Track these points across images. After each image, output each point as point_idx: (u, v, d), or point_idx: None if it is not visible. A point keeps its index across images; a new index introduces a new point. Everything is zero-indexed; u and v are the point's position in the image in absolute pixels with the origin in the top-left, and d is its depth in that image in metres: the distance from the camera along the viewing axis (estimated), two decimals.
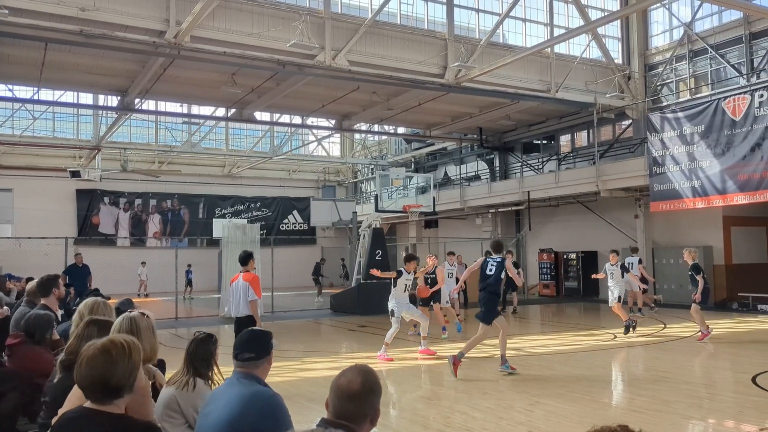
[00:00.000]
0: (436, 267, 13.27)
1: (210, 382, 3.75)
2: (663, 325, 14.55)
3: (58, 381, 3.40)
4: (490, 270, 9.25)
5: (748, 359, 10.07)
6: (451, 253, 17.93)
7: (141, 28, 14.13)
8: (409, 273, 11.03)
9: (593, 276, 14.62)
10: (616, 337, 12.70)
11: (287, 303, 20.58)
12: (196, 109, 25.31)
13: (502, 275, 9.29)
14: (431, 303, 13.51)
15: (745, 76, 18.89)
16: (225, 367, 3.76)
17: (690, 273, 12.51)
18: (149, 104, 24.55)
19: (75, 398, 2.74)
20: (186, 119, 28.42)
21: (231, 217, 30.28)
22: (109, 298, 5.24)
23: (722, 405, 7.31)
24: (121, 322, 3.49)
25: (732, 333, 13.36)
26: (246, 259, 8.49)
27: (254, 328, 3.51)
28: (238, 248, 18.20)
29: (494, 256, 9.40)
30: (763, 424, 6.41)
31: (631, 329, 12.61)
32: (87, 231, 29.23)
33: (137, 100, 19.50)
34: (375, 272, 12.14)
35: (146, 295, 26.54)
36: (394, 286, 10.91)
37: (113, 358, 2.45)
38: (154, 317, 3.85)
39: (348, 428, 2.23)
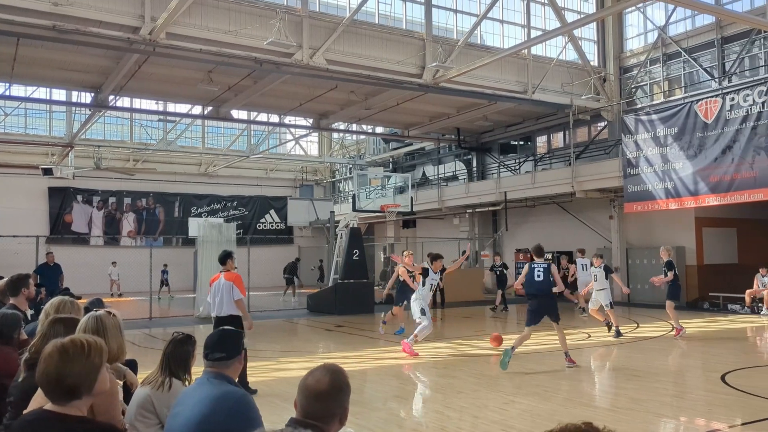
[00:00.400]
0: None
1: (186, 383, 3.70)
2: (636, 325, 14.74)
3: (22, 380, 3.34)
4: (539, 276, 9.43)
5: (717, 358, 10.25)
6: (437, 257, 18.00)
7: (115, 24, 13.92)
8: (435, 273, 11.17)
9: (571, 271, 14.68)
10: (590, 336, 12.83)
11: (264, 303, 20.45)
12: (171, 107, 25.01)
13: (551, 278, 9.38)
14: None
15: (717, 80, 19.24)
16: (199, 368, 3.72)
17: (664, 269, 12.85)
18: (124, 101, 24.22)
19: (40, 398, 2.69)
20: (161, 117, 28.09)
21: (207, 216, 29.98)
22: (80, 298, 5.16)
23: (693, 403, 7.42)
24: (87, 321, 3.43)
25: (703, 332, 13.59)
26: (225, 258, 8.43)
27: (225, 327, 3.47)
28: (214, 248, 18.07)
29: (538, 261, 9.59)
30: (732, 421, 6.53)
31: (612, 329, 12.62)
32: (59, 229, 28.77)
33: (111, 97, 19.24)
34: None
35: (120, 295, 26.18)
36: (422, 285, 11.11)
37: (69, 356, 2.40)
38: (121, 317, 3.79)
39: (317, 428, 2.21)
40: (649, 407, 7.03)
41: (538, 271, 9.43)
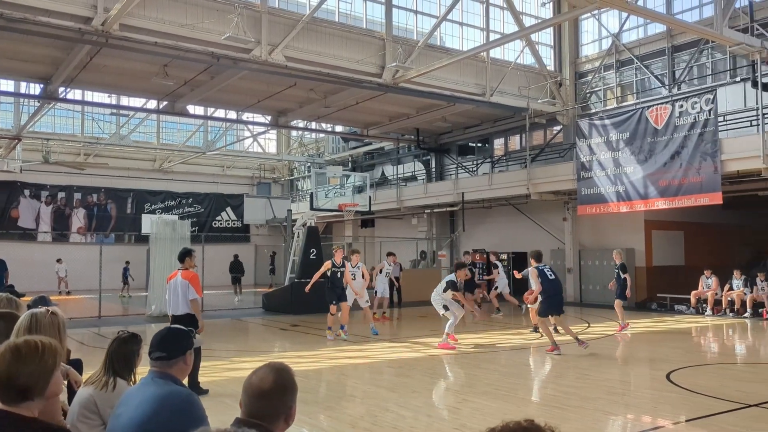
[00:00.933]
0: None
1: (131, 383, 3.61)
2: (587, 324, 15.06)
3: None
4: (552, 275, 10.80)
5: (663, 357, 10.56)
6: (391, 254, 18.15)
7: (66, 14, 13.50)
8: (458, 281, 11.78)
9: (516, 275, 14.93)
10: (542, 335, 13.05)
11: (219, 302, 20.16)
12: (125, 101, 24.44)
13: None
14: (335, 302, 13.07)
15: (667, 87, 19.83)
16: (145, 367, 3.63)
17: (617, 271, 13.78)
18: (75, 93, 23.51)
19: None
20: (114, 111, 27.39)
21: (161, 213, 29.41)
22: (23, 296, 4.99)
23: (639, 401, 7.62)
24: (22, 319, 3.32)
25: (650, 332, 13.99)
26: (184, 256, 8.28)
27: (172, 326, 3.39)
28: (168, 245, 17.73)
29: (541, 264, 10.89)
30: (676, 418, 6.73)
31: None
32: (5, 225, 27.72)
33: (62, 89, 18.65)
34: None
35: (68, 293, 25.44)
36: (444, 291, 11.54)
37: (22, 357, 2.36)
38: (68, 315, 3.68)
39: (261, 427, 2.17)
40: (598, 405, 7.19)
41: (549, 271, 10.76)
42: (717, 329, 14.68)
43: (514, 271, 14.34)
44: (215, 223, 33.37)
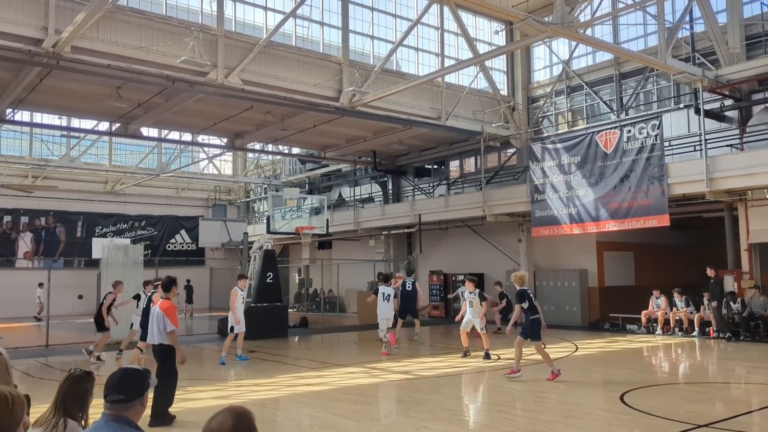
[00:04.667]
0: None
1: (82, 424, 3.49)
2: (542, 345, 15.24)
3: None
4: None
5: (617, 378, 10.79)
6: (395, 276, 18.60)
7: (15, 35, 13.17)
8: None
9: (449, 296, 15.16)
10: (499, 358, 13.19)
11: (186, 328, 19.68)
12: (76, 122, 23.86)
13: None
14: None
15: (615, 112, 20.53)
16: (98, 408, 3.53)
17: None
18: (23, 115, 22.85)
19: None
20: (65, 132, 26.72)
21: (113, 236, 28.71)
22: None
23: (594, 423, 7.76)
24: None
25: (604, 352, 14.27)
26: (170, 285, 8.05)
27: (128, 366, 3.31)
28: (120, 270, 17.31)
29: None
30: None
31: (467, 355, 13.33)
32: None
33: (9, 110, 18.12)
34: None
35: (39, 319, 24.45)
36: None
37: None
38: (13, 345, 3.56)
39: None
40: (555, 428, 7.29)
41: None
42: (667, 349, 15.09)
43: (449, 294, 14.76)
44: (169, 246, 32.72)
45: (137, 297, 13.21)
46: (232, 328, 13.55)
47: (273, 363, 13.30)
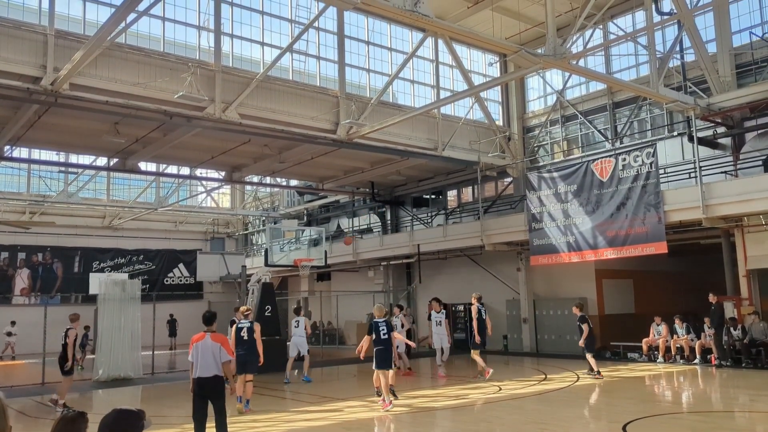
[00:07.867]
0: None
1: None
2: (544, 376, 15.13)
3: None
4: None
5: (619, 408, 10.67)
6: (399, 306, 18.93)
7: (14, 74, 13.32)
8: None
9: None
10: (501, 389, 13.05)
11: (170, 362, 19.49)
12: (74, 158, 23.94)
13: None
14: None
15: (610, 141, 20.69)
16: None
17: (578, 324, 14.87)
18: (21, 152, 22.99)
19: None
20: (63, 168, 26.81)
21: (111, 271, 28.62)
22: None
23: None
24: None
25: (606, 382, 14.12)
26: (211, 319, 8.28)
27: (122, 407, 3.26)
28: (117, 305, 17.21)
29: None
30: None
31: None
32: None
33: (7, 147, 18.21)
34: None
35: (12, 358, 24.25)
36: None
37: None
38: (9, 384, 3.52)
39: None
40: None
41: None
42: (668, 377, 14.95)
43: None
44: (167, 280, 32.61)
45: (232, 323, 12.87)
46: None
47: (271, 398, 13.15)
